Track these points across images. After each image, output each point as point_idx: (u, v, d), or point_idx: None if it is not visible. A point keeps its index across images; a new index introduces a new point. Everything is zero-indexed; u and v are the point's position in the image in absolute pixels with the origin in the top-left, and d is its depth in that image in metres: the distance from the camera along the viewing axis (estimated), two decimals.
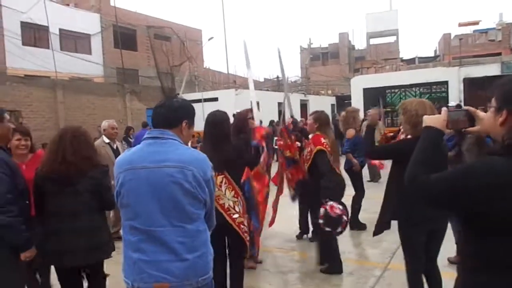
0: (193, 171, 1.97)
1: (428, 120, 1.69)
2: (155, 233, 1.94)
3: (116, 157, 5.68)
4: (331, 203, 3.95)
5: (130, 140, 16.99)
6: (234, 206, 3.34)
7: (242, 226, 3.36)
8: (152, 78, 25.10)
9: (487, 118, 1.54)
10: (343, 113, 6.59)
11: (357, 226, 6.00)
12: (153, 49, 24.93)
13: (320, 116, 4.52)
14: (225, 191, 3.34)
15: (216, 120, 3.45)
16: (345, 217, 3.97)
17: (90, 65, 22.38)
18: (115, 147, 5.86)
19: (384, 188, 3.27)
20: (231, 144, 3.47)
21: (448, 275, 3.99)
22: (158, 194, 1.94)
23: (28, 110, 16.70)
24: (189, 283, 1.95)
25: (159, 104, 2.16)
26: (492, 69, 14.11)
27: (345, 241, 5.47)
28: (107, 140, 5.82)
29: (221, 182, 3.33)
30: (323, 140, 4.30)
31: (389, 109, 16.71)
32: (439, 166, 1.56)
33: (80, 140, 2.96)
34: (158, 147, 2.02)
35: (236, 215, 3.34)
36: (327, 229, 3.96)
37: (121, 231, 5.57)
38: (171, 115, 2.11)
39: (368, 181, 9.19)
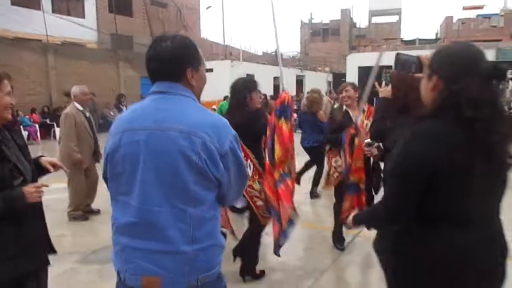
0: (204, 139, 1.49)
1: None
2: (149, 214, 1.51)
3: (90, 126, 5.47)
4: None
5: (122, 107, 16.95)
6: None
7: (249, 189, 3.40)
8: (147, 46, 24.67)
9: (421, 84, 1.62)
10: (315, 94, 6.63)
11: (315, 196, 6.66)
12: (148, 15, 24.49)
13: (356, 87, 4.30)
14: None
15: (235, 86, 3.65)
16: None
17: (83, 30, 21.96)
18: (87, 115, 5.55)
19: None
20: (246, 111, 3.52)
21: None
22: (157, 165, 1.50)
23: (18, 74, 16.45)
24: (186, 280, 1.53)
25: (147, 56, 1.62)
26: (487, 55, 13.96)
27: (322, 211, 5.62)
28: (80, 107, 5.45)
29: None
30: None
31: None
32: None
33: None
34: (162, 104, 1.57)
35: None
36: None
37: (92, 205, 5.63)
38: (166, 68, 1.58)
39: None
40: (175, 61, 1.58)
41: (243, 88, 3.59)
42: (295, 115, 5.30)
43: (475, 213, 1.51)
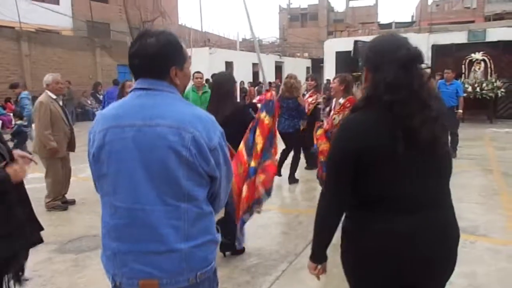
0: (194, 134, 1.48)
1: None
2: (140, 213, 1.48)
3: (65, 115, 5.42)
4: None
5: (99, 96, 16.72)
6: None
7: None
8: (124, 33, 24.30)
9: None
10: (292, 80, 6.62)
11: (294, 180, 6.69)
12: (125, 2, 23.98)
13: (345, 78, 4.66)
14: None
15: (219, 79, 3.79)
16: None
17: (58, 17, 21.40)
18: (61, 103, 5.50)
19: None
20: (232, 103, 3.69)
21: None
22: (146, 161, 1.47)
23: None
24: (185, 278, 1.51)
25: (130, 53, 1.58)
26: (459, 37, 14.27)
27: (298, 196, 5.73)
28: (53, 96, 5.37)
29: None
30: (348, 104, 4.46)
31: (359, 74, 16.81)
32: None
33: None
34: (148, 100, 1.53)
35: None
36: None
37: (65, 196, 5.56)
38: (150, 66, 1.55)
39: None
40: (160, 59, 1.55)
41: (230, 80, 3.77)
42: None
43: (413, 198, 1.54)
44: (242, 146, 3.54)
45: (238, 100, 4.15)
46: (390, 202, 1.54)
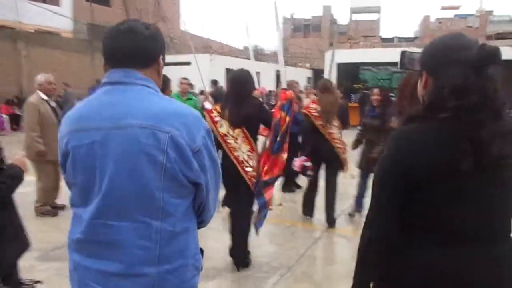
0: (172, 134, 1.24)
1: None
2: (105, 229, 1.28)
3: (56, 116, 5.21)
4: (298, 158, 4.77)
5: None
6: (248, 160, 3.51)
7: (253, 179, 3.52)
8: None
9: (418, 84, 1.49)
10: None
11: (289, 189, 6.66)
12: (126, 6, 24.00)
13: (318, 84, 5.10)
14: (241, 144, 3.52)
15: (241, 78, 3.67)
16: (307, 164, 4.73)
17: (58, 18, 21.33)
18: (53, 105, 5.31)
19: None
20: (252, 101, 3.65)
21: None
22: (117, 170, 1.25)
23: None
24: None
25: (119, 28, 1.34)
26: None
27: (292, 206, 5.57)
28: (45, 97, 5.16)
29: (238, 135, 3.51)
30: (311, 105, 4.80)
31: (360, 86, 16.79)
32: None
33: None
34: (117, 96, 1.30)
35: (249, 169, 3.51)
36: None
37: (57, 201, 5.43)
38: (143, 47, 1.34)
39: None
40: (152, 41, 1.36)
41: (250, 79, 3.68)
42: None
43: (470, 227, 1.30)
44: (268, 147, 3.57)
45: None
46: (441, 230, 1.31)
